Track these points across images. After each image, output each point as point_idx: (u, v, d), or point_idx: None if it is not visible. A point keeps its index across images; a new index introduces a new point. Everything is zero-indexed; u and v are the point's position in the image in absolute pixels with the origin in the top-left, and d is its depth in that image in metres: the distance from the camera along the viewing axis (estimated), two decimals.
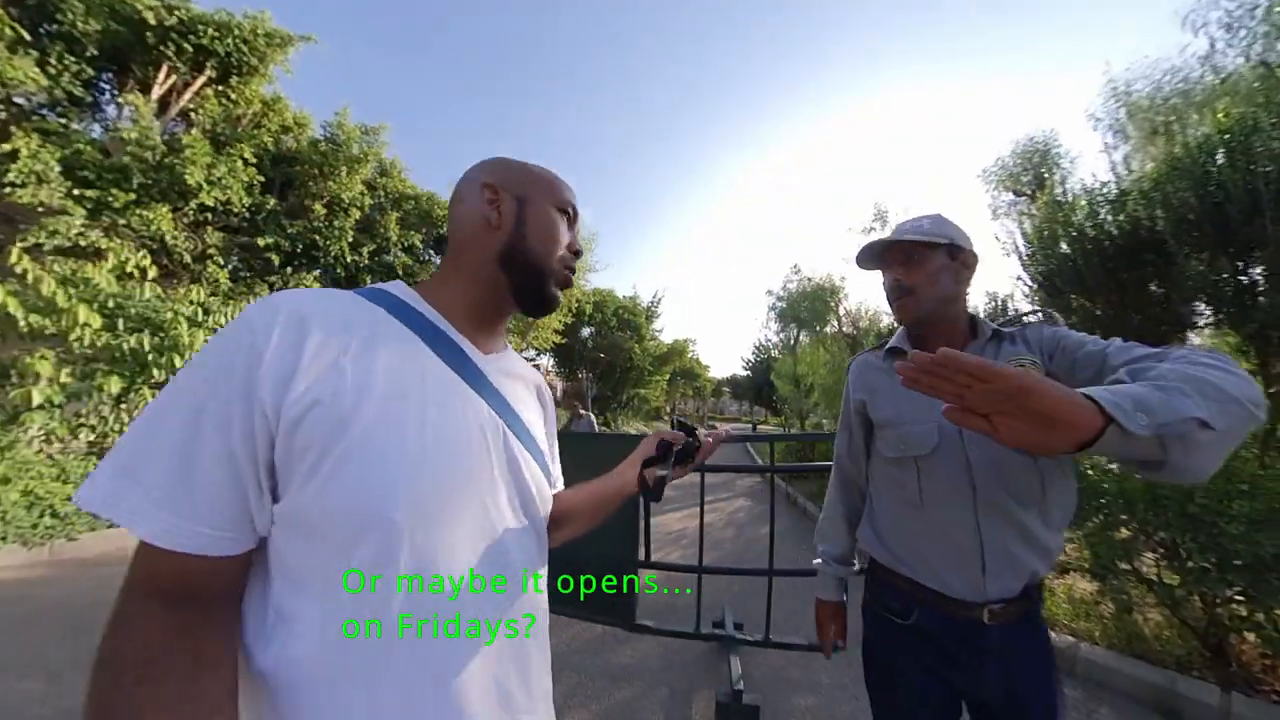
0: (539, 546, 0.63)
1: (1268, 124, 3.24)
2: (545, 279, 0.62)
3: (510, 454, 0.58)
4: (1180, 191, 3.53)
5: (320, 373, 0.45)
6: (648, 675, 2.36)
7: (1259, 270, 3.32)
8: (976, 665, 0.89)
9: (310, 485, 0.44)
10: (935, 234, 0.94)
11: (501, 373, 0.63)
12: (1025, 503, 0.87)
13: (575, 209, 0.66)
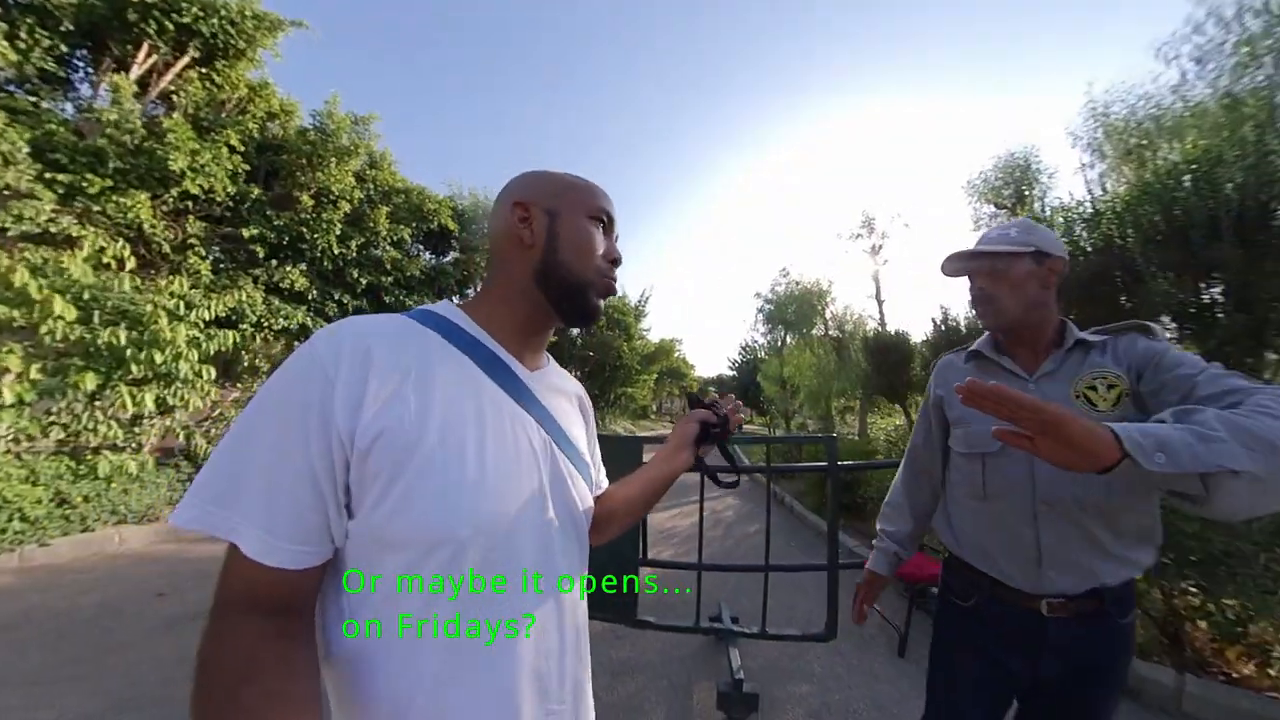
0: (580, 553, 0.66)
1: (1230, 156, 3.48)
2: (584, 291, 0.63)
3: (556, 470, 0.61)
4: (1149, 214, 3.76)
5: (386, 401, 0.49)
6: (649, 669, 2.45)
7: (1218, 290, 3.56)
8: (1034, 655, 0.95)
9: (382, 506, 0.48)
10: (1020, 242, 0.96)
11: (548, 389, 0.66)
12: (1087, 507, 0.91)
13: (610, 215, 0.66)
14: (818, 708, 2.12)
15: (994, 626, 0.99)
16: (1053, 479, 0.93)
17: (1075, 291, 4.37)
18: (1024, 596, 0.95)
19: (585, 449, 0.71)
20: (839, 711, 2.10)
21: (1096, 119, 7.79)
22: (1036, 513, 0.94)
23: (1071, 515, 0.92)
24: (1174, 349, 0.90)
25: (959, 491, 1.07)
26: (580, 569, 0.65)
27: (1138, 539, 0.93)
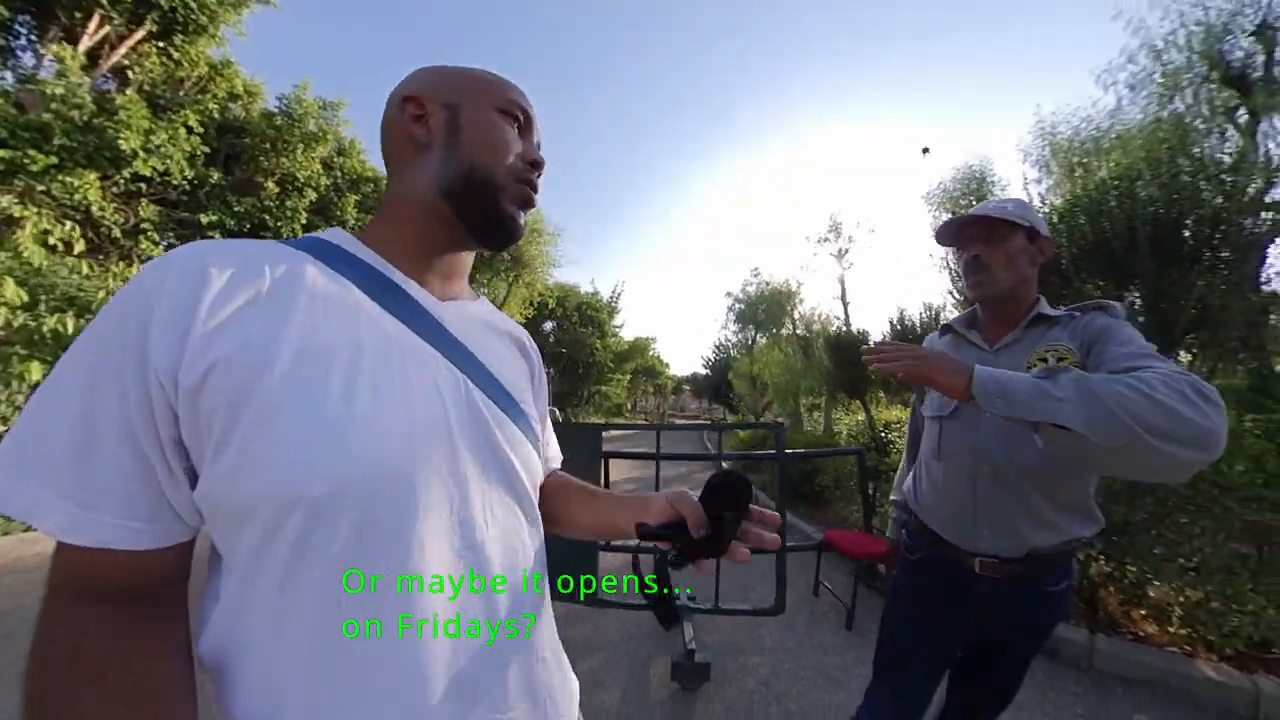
0: (526, 526, 0.53)
1: (1148, 174, 3.83)
2: (494, 196, 0.52)
3: (478, 416, 0.49)
4: (1080, 225, 4.09)
5: (221, 325, 0.38)
6: (609, 647, 2.55)
7: (1137, 296, 3.90)
8: (964, 609, 1.02)
9: (220, 462, 0.37)
10: (1018, 215, 0.98)
11: (467, 321, 0.54)
12: (1025, 472, 0.95)
13: (527, 112, 0.55)
14: (768, 676, 2.27)
15: (933, 579, 1.07)
16: (992, 444, 0.98)
17: None
18: (960, 553, 1.02)
19: (527, 397, 0.59)
20: (787, 679, 2.25)
21: (1044, 138, 8.35)
22: (978, 474, 1.00)
23: (1010, 480, 0.96)
24: (1126, 327, 0.93)
25: (925, 452, 1.15)
26: (527, 547, 0.53)
27: (1073, 510, 0.96)
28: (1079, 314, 1.00)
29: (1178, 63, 5.76)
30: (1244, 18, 5.37)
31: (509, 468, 0.51)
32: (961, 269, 1.06)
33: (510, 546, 0.50)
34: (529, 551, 0.53)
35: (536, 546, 0.55)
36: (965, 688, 1.13)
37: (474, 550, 0.46)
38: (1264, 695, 1.98)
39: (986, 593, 1.00)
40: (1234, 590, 2.18)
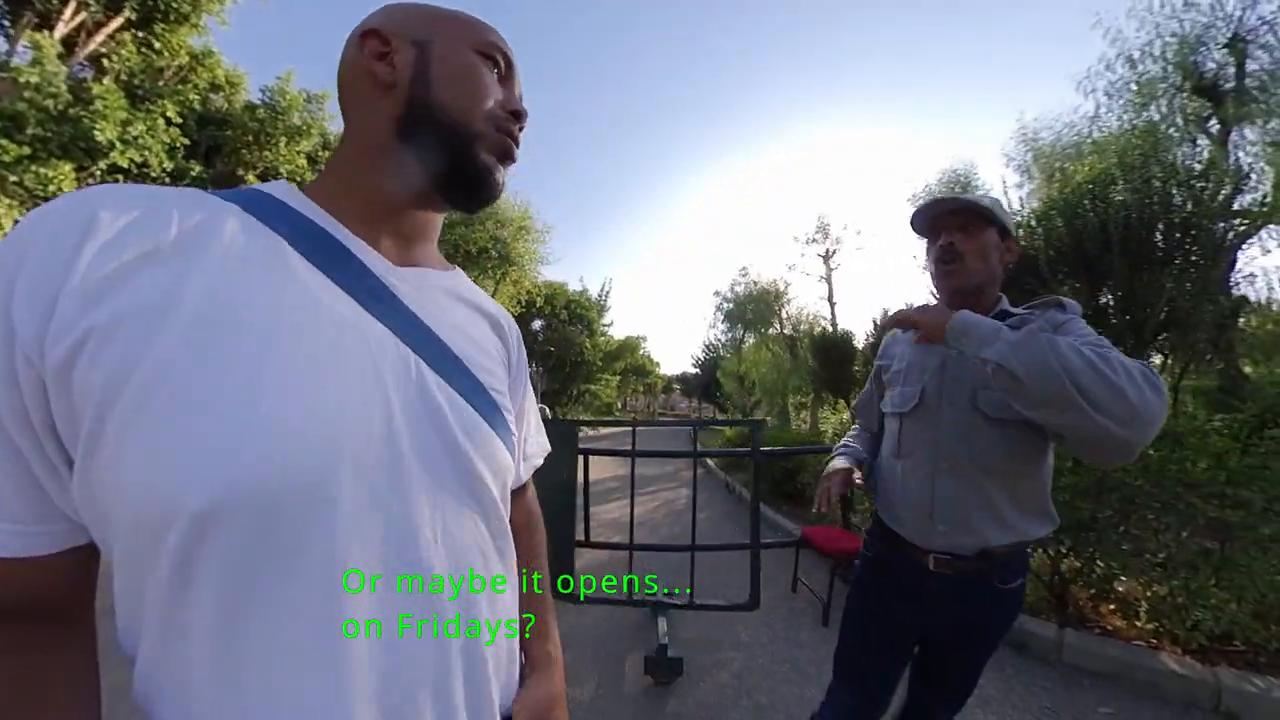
0: (491, 541, 0.45)
1: (1120, 179, 3.92)
2: (469, 144, 0.44)
3: (431, 405, 0.40)
4: (1056, 227, 4.17)
5: (101, 287, 0.31)
6: (586, 642, 2.55)
7: (1109, 297, 3.99)
8: (918, 606, 1.02)
9: (93, 459, 0.30)
10: (994, 210, 0.99)
11: (427, 290, 0.46)
12: (986, 468, 0.95)
13: (507, 56, 0.48)
14: (741, 670, 2.27)
15: (889, 576, 1.07)
16: (953, 440, 0.98)
17: None
18: (916, 550, 1.01)
19: (500, 383, 0.50)
20: (760, 673, 2.26)
21: (1026, 143, 8.54)
22: (937, 470, 1.00)
23: (970, 475, 0.96)
24: (1079, 321, 0.95)
25: (885, 450, 1.15)
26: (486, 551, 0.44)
27: (1031, 509, 0.97)
28: (1038, 311, 1.01)
29: (1153, 72, 5.91)
30: (1217, 30, 5.53)
31: (469, 470, 0.42)
32: (932, 257, 1.04)
33: (466, 569, 0.41)
34: (488, 551, 0.44)
35: (505, 567, 0.46)
36: (923, 685, 1.13)
37: (415, 557, 0.38)
38: (1224, 687, 2.03)
39: (938, 590, 1.01)
40: (1198, 585, 2.23)
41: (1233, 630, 2.17)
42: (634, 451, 2.39)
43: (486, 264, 11.73)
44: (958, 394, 1.00)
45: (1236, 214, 5.40)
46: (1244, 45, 5.51)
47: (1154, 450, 2.39)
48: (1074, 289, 4.13)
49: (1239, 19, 5.50)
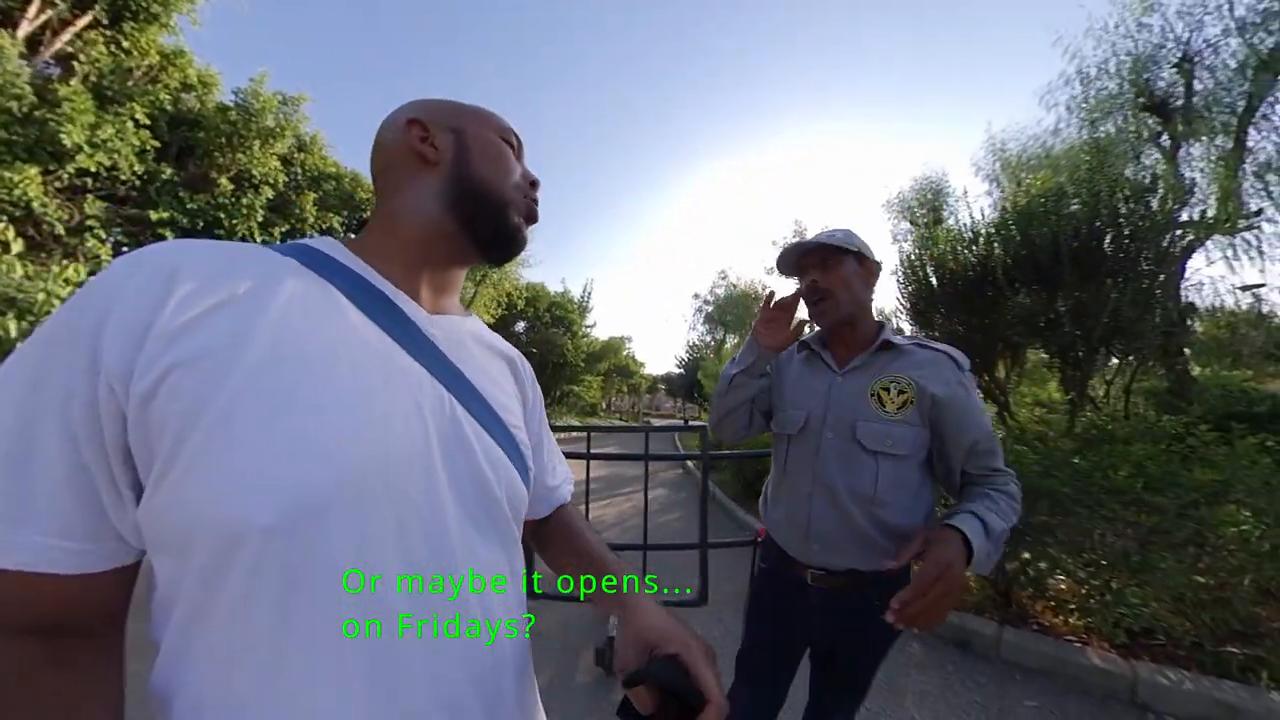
0: (501, 547, 0.49)
1: (1071, 192, 4.10)
2: (504, 209, 0.53)
3: (461, 436, 0.46)
4: (1013, 238, 4.35)
5: (184, 328, 0.35)
6: (545, 637, 2.63)
7: (1061, 305, 4.17)
8: (803, 617, 1.09)
9: (166, 481, 0.33)
10: (846, 242, 1.06)
11: (457, 337, 0.52)
12: (858, 497, 1.01)
13: (519, 138, 0.59)
14: None
15: (777, 589, 1.14)
16: (831, 467, 1.04)
17: (957, 302, 4.97)
18: (797, 565, 1.08)
19: (518, 420, 0.56)
20: None
21: (995, 153, 8.80)
22: (813, 492, 1.05)
23: (840, 501, 1.02)
24: (972, 393, 1.01)
25: (773, 469, 1.20)
26: (500, 567, 0.48)
27: (897, 536, 1.01)
28: (923, 349, 1.07)
29: (1109, 89, 6.17)
30: (1167, 51, 5.79)
31: (490, 496, 0.48)
32: (804, 298, 1.10)
33: (480, 562, 0.46)
34: (507, 588, 0.49)
35: (516, 585, 0.51)
36: (820, 688, 1.21)
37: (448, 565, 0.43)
38: (1140, 680, 2.17)
39: (817, 604, 1.07)
40: (1120, 584, 2.38)
41: (1154, 626, 2.32)
42: (588, 455, 2.49)
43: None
44: (839, 423, 1.05)
45: (1183, 225, 5.68)
46: (1191, 66, 5.77)
47: (1080, 459, 2.53)
48: (1030, 298, 4.31)
49: (1187, 41, 5.76)
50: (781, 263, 1.14)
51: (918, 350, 1.07)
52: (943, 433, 1.01)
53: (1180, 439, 2.82)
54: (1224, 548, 2.24)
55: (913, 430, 1.01)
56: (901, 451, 1.01)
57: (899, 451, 1.01)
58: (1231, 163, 5.61)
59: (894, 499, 1.01)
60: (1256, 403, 4.42)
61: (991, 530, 0.90)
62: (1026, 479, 2.53)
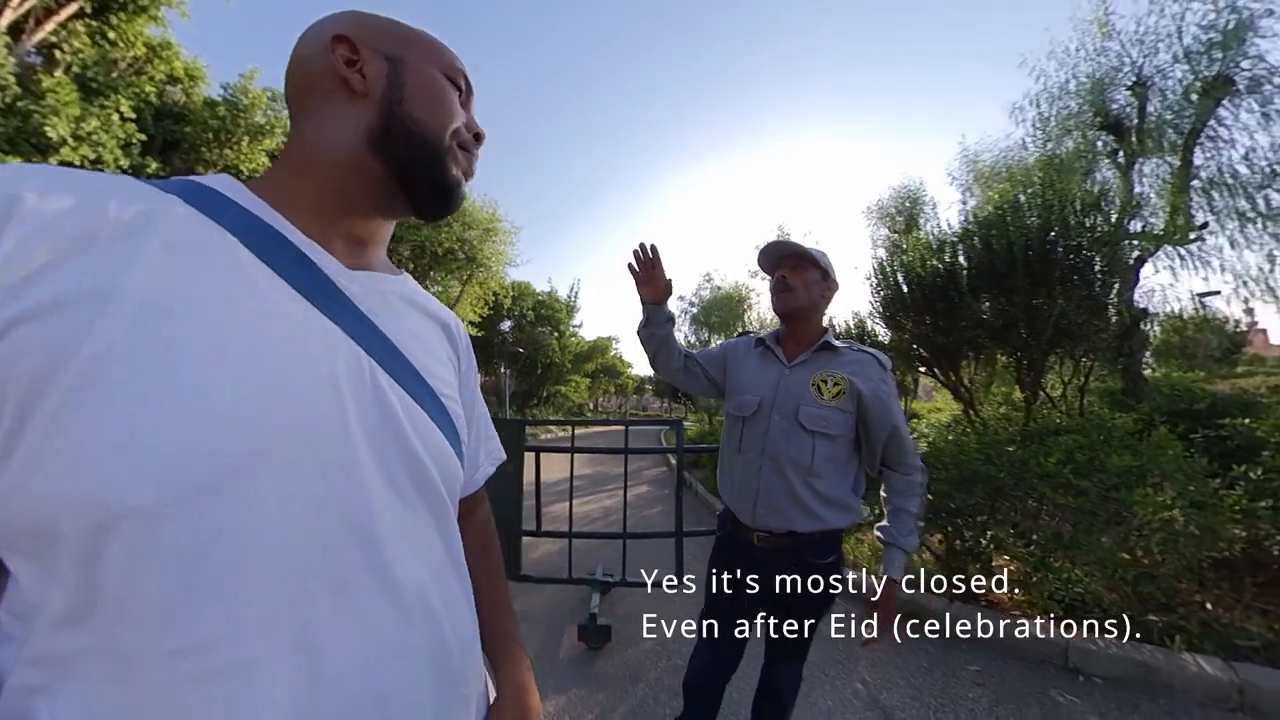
0: (435, 525, 0.44)
1: (1025, 204, 4.40)
2: (440, 159, 0.46)
3: (384, 404, 0.41)
4: (975, 247, 4.64)
5: (31, 274, 0.29)
6: (532, 618, 2.81)
7: (1016, 311, 4.46)
8: (753, 571, 1.27)
9: (14, 458, 0.28)
10: (817, 256, 1.29)
11: (379, 296, 0.46)
12: (798, 468, 1.21)
13: (469, 81, 0.51)
14: (665, 638, 2.54)
15: (733, 551, 1.33)
16: (778, 442, 1.23)
17: (925, 306, 5.24)
18: (746, 529, 1.27)
19: (450, 388, 0.50)
20: (680, 641, 2.53)
21: (968, 164, 9.18)
22: (762, 464, 1.24)
23: (784, 471, 1.21)
24: (891, 390, 1.26)
25: (727, 447, 1.37)
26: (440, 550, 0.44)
27: (833, 503, 1.22)
28: (855, 351, 1.30)
29: (1070, 108, 6.55)
30: (1123, 75, 6.18)
31: (422, 472, 0.42)
32: (771, 287, 1.33)
33: (430, 572, 0.42)
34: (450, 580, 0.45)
35: (456, 570, 0.46)
36: (769, 650, 1.41)
37: (382, 577, 0.38)
38: (1071, 647, 2.42)
39: (763, 560, 1.27)
40: (1055, 561, 2.64)
41: (1086, 599, 2.58)
42: (573, 449, 2.67)
43: (453, 265, 11.70)
44: (786, 406, 1.27)
45: (1136, 236, 6.06)
46: (1144, 89, 6.16)
47: (1015, 448, 2.79)
48: (989, 303, 4.59)
49: (1140, 66, 6.15)
50: (763, 255, 1.35)
51: (850, 352, 1.30)
52: (867, 420, 1.24)
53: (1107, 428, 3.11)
54: (1145, 526, 2.50)
55: (844, 415, 1.24)
56: (834, 432, 1.24)
57: (832, 432, 1.23)
58: (1179, 180, 6.00)
59: (826, 470, 1.23)
60: (1198, 400, 4.77)
61: (907, 547, 1.26)
62: (970, 466, 2.78)
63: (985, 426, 4.21)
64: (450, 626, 0.43)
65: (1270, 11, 5.31)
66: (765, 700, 1.46)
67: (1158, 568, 2.51)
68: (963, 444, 2.86)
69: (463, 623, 0.46)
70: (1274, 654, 2.24)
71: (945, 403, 7.20)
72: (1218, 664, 2.17)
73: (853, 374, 1.25)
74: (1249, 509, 2.61)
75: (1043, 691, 2.21)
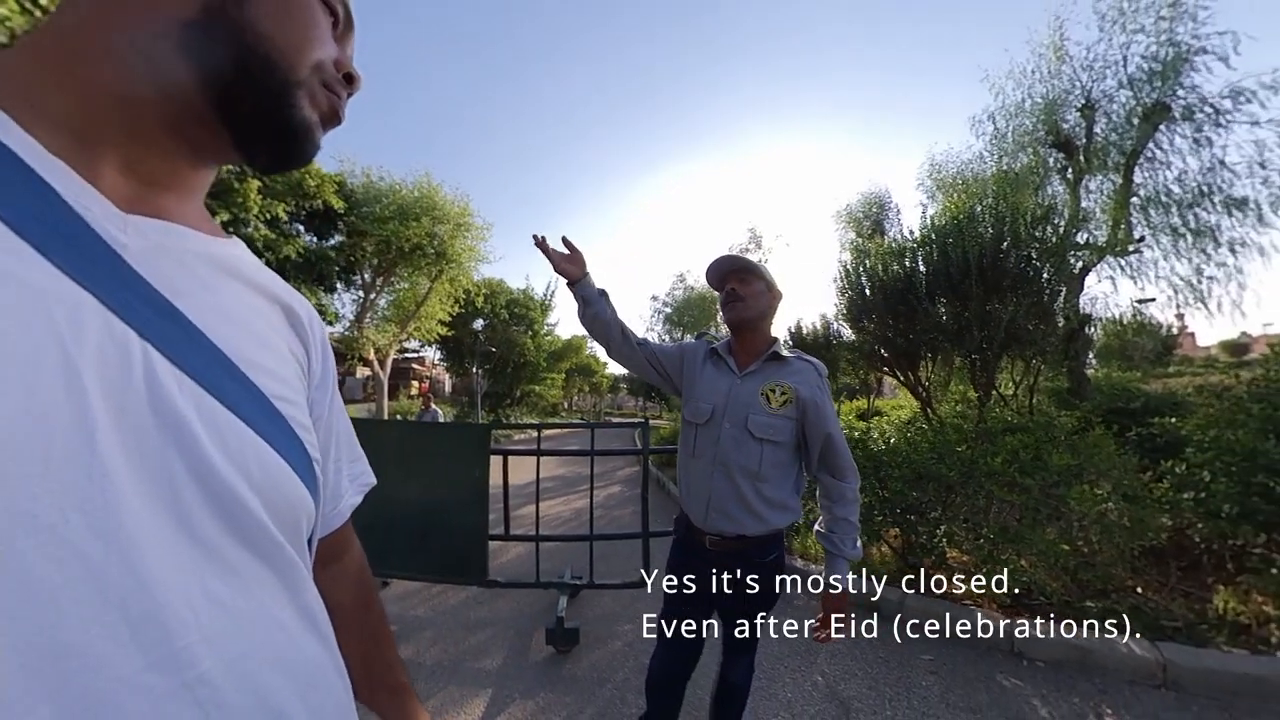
0: (275, 582, 0.33)
1: (980, 215, 4.62)
2: (289, 90, 0.35)
3: (164, 407, 0.28)
4: (932, 253, 4.84)
5: None
6: (500, 623, 2.78)
7: (969, 316, 4.69)
8: (703, 574, 1.33)
9: None
10: (761, 270, 1.36)
11: (174, 256, 0.32)
12: (746, 473, 1.27)
13: (349, 10, 0.41)
14: (633, 639, 2.59)
15: (688, 552, 1.38)
16: (728, 448, 1.29)
17: (887, 309, 5.43)
18: (699, 532, 1.33)
19: (291, 391, 0.38)
20: (648, 641, 2.53)
21: (933, 174, 9.56)
22: (714, 471, 1.29)
23: (733, 477, 1.27)
24: (826, 396, 1.31)
25: (683, 452, 1.42)
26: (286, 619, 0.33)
27: (776, 505, 1.30)
28: (800, 360, 1.37)
29: (1025, 126, 6.92)
30: (1073, 97, 6.59)
31: (239, 509, 0.30)
32: (720, 300, 1.39)
33: (267, 653, 0.31)
34: (303, 657, 0.34)
35: (321, 646, 0.36)
36: (725, 655, 1.46)
37: (179, 677, 0.26)
38: (1016, 634, 2.57)
39: (715, 560, 1.33)
40: (1002, 554, 2.78)
41: (1031, 588, 2.73)
42: (539, 451, 2.66)
43: (421, 261, 11.36)
44: (736, 414, 1.32)
45: (1082, 248, 6.46)
46: (1092, 112, 6.58)
47: (965, 448, 2.94)
48: (947, 307, 4.80)
49: (1089, 90, 6.56)
50: (711, 271, 1.43)
51: (796, 361, 1.37)
52: (804, 424, 1.30)
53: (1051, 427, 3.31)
54: (1084, 519, 2.68)
55: (790, 423, 1.31)
56: (780, 439, 1.30)
57: (778, 439, 1.30)
58: (1121, 196, 6.44)
59: (772, 475, 1.29)
60: (1134, 399, 5.11)
61: (851, 555, 1.31)
62: (923, 466, 2.91)
63: (941, 424, 4.40)
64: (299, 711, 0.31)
65: (1204, 49, 5.76)
66: (722, 694, 1.51)
67: (1094, 556, 2.69)
68: (916, 444, 2.98)
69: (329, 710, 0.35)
70: (1194, 633, 2.44)
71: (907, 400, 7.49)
72: (1145, 645, 2.34)
73: (796, 383, 1.31)
74: (1174, 500, 2.86)
75: (989, 676, 2.34)
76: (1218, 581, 2.77)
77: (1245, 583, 2.60)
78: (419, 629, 2.72)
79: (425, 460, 2.53)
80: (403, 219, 10.69)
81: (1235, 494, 2.65)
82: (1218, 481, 2.76)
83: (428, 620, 2.83)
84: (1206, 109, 5.84)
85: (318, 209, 10.54)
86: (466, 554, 2.49)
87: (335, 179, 10.87)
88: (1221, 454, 2.80)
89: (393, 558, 2.46)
